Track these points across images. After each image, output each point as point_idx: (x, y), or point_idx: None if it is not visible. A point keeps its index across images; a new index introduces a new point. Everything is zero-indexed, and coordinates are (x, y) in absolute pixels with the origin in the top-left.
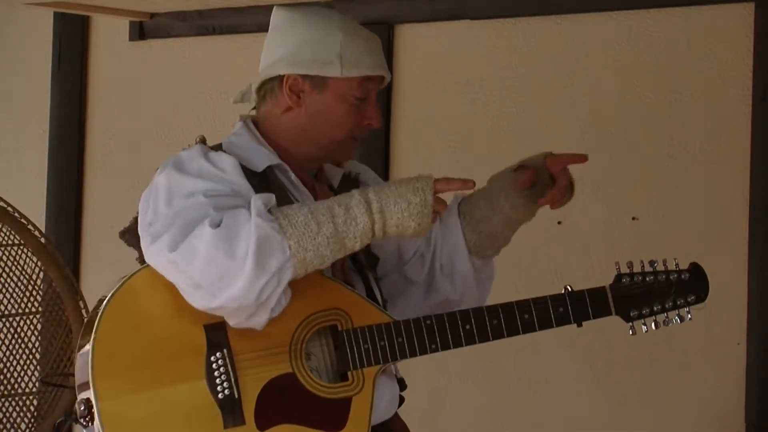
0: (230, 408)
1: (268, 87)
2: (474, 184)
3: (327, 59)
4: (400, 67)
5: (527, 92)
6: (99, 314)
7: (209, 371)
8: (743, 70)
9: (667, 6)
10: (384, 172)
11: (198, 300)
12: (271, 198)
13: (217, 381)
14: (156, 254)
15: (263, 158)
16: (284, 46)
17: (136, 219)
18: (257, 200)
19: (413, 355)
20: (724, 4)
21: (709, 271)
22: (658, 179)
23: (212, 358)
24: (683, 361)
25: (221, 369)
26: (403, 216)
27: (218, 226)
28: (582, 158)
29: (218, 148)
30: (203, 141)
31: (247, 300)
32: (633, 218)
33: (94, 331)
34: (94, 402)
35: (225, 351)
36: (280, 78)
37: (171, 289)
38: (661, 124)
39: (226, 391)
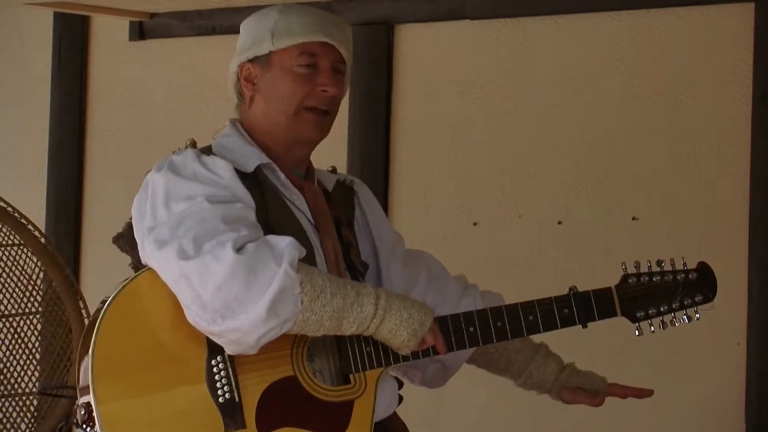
0: (231, 412)
1: (236, 88)
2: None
3: (261, 37)
4: (400, 67)
5: (527, 92)
6: (99, 318)
7: (210, 375)
8: (743, 70)
9: (667, 6)
10: (384, 172)
11: (198, 319)
12: (303, 251)
13: (218, 385)
14: (165, 262)
15: (253, 158)
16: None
17: (129, 224)
18: (293, 249)
19: (415, 357)
20: (724, 4)
21: None
22: (658, 179)
23: (213, 362)
24: (683, 361)
25: (222, 372)
26: (400, 323)
27: (240, 250)
28: (649, 393)
29: (208, 150)
30: (194, 145)
31: (248, 337)
32: (633, 218)
33: (94, 334)
34: (94, 406)
35: (226, 354)
36: (237, 74)
37: (171, 293)
38: (661, 124)
39: (226, 395)
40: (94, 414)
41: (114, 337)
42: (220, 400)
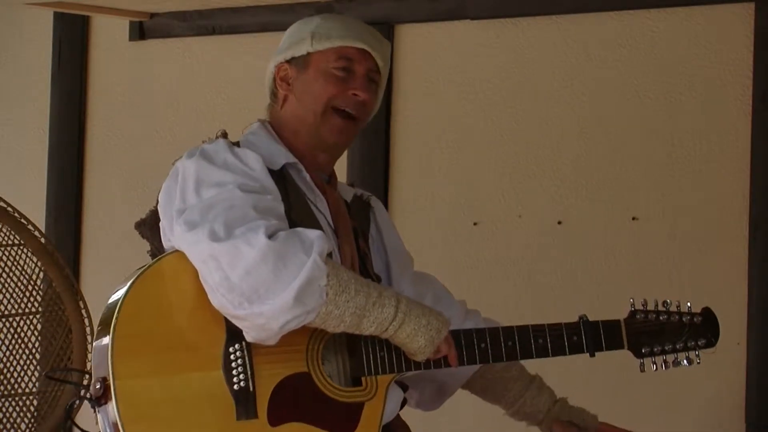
0: (244, 400)
1: (270, 88)
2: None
3: (301, 39)
4: (400, 67)
5: (527, 92)
6: (122, 297)
7: (227, 362)
8: (743, 70)
9: (667, 6)
10: (384, 172)
11: (224, 301)
12: (331, 245)
13: (234, 372)
14: (195, 244)
15: (280, 156)
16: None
17: (153, 211)
18: (323, 241)
19: (427, 367)
20: (724, 4)
21: (709, 271)
22: (658, 179)
23: (231, 349)
24: None
25: (239, 360)
26: (418, 329)
27: (271, 237)
28: None
29: (236, 145)
30: (225, 135)
31: (273, 323)
32: (633, 218)
33: (116, 313)
34: (111, 381)
35: (244, 343)
36: (273, 74)
37: (194, 277)
38: (661, 124)
39: (241, 383)
40: (111, 390)
41: (134, 318)
42: (235, 387)
